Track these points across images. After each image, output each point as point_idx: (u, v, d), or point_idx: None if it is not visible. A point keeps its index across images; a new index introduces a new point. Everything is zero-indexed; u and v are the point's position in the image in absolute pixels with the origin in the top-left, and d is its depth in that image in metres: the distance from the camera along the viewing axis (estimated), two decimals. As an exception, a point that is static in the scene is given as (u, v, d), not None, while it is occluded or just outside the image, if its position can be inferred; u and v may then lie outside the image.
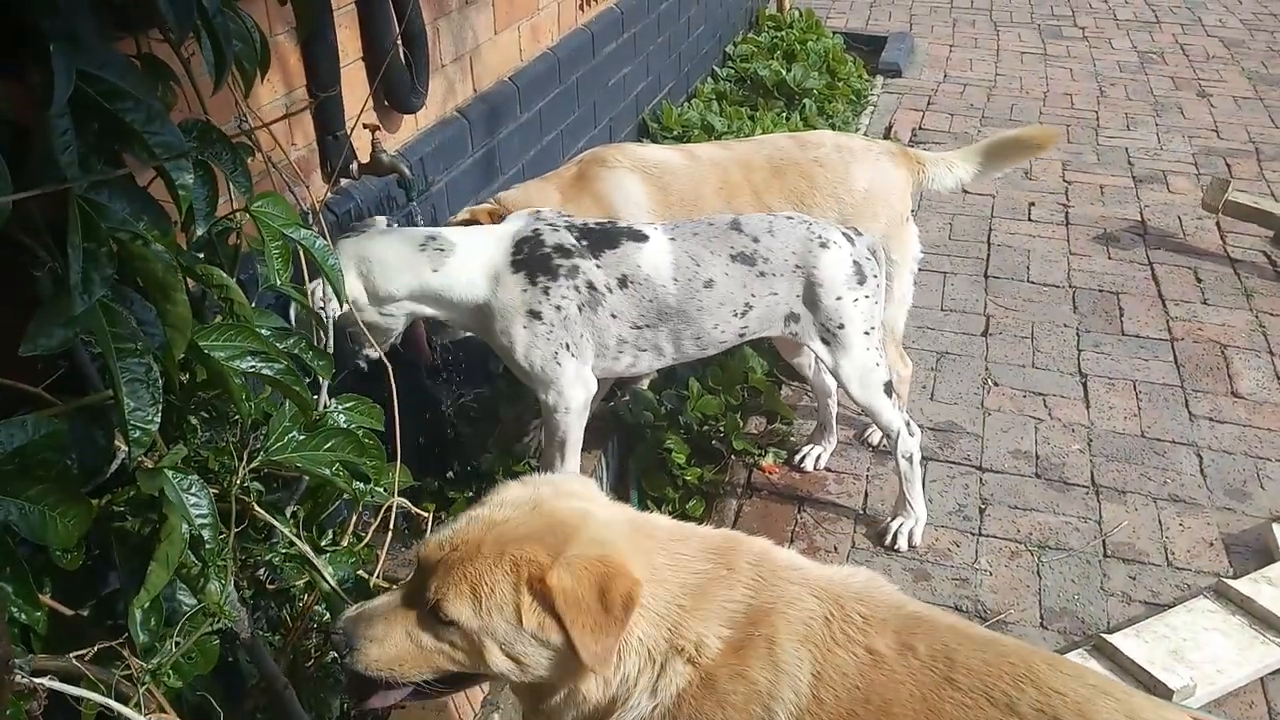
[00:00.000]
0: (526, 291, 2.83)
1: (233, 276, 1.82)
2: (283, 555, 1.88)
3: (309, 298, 2.21)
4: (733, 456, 3.83)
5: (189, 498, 1.51)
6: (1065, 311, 4.83)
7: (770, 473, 3.77)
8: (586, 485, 1.89)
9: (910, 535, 3.40)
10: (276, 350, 1.70)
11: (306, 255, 1.96)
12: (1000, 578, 3.29)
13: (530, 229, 2.88)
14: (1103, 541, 3.43)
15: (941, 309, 4.85)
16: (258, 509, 1.77)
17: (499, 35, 4.01)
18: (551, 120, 4.48)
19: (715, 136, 5.79)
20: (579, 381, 2.95)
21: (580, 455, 3.15)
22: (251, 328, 1.67)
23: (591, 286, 2.86)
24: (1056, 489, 3.68)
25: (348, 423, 1.98)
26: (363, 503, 2.06)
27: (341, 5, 3.00)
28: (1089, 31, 9.31)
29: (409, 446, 2.34)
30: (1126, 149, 6.72)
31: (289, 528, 1.85)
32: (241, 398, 1.62)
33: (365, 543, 2.20)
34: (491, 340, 2.93)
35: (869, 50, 8.29)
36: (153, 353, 1.45)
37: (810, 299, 3.03)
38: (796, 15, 8.27)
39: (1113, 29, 9.38)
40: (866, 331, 3.08)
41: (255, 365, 1.63)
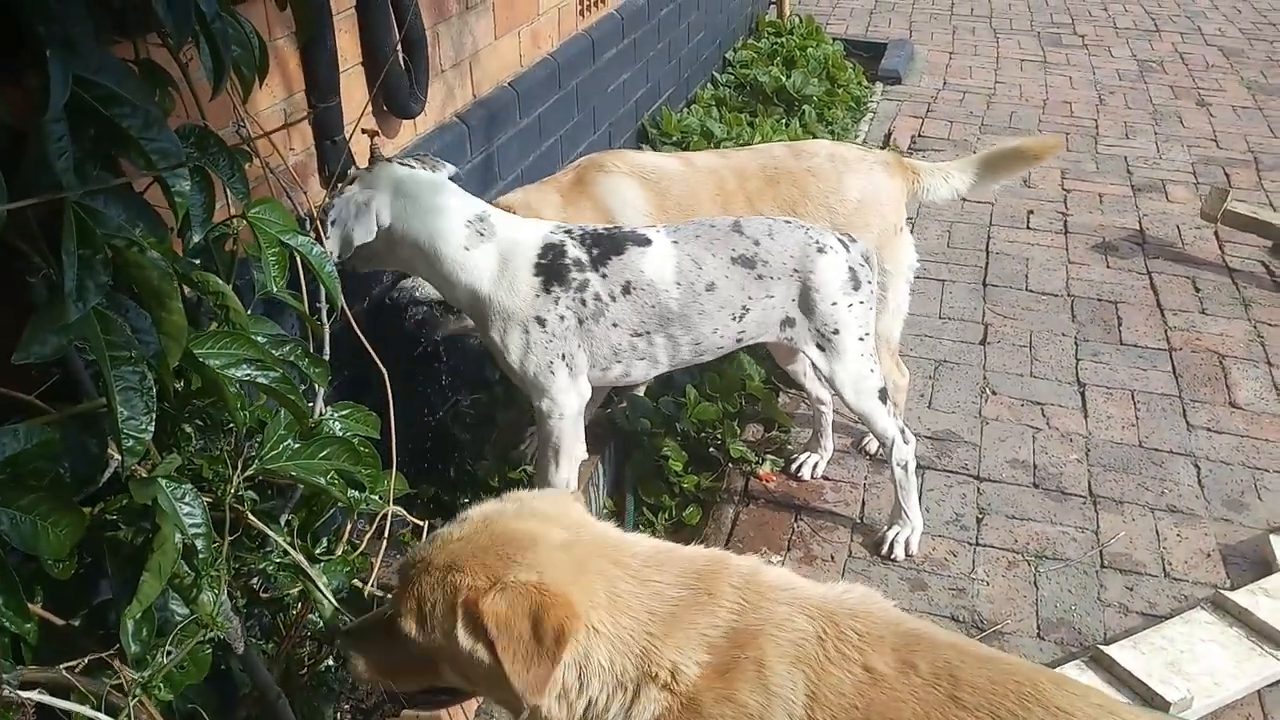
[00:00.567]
0: (539, 298, 2.82)
1: (229, 283, 1.82)
2: (277, 564, 1.87)
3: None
4: (730, 464, 3.82)
5: (182, 507, 1.50)
6: (1064, 320, 4.83)
7: (767, 481, 3.76)
8: (561, 503, 1.82)
9: (907, 544, 3.39)
10: (272, 358, 1.69)
11: (304, 261, 1.96)
12: (997, 588, 3.28)
13: (557, 237, 2.89)
14: (1100, 552, 3.42)
15: (940, 317, 4.85)
16: (252, 518, 1.76)
17: (499, 41, 4.00)
18: (551, 126, 4.47)
19: (715, 143, 5.79)
20: (573, 389, 2.94)
21: (575, 462, 3.14)
22: (247, 335, 1.66)
23: (597, 298, 2.86)
24: (1054, 499, 3.67)
25: (343, 431, 1.97)
26: (358, 511, 2.05)
27: (341, 10, 2.99)
28: (1089, 39, 9.32)
29: (405, 453, 2.33)
30: (1125, 158, 6.72)
31: (283, 536, 1.84)
32: (236, 406, 1.61)
33: (360, 551, 2.19)
34: (484, 335, 2.92)
35: (869, 57, 8.30)
36: (147, 361, 1.44)
37: (806, 304, 3.03)
38: (796, 21, 8.28)
39: (1112, 37, 9.40)
40: (861, 337, 3.08)
41: (250, 373, 1.62)
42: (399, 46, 3.18)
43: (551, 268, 2.83)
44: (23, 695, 1.31)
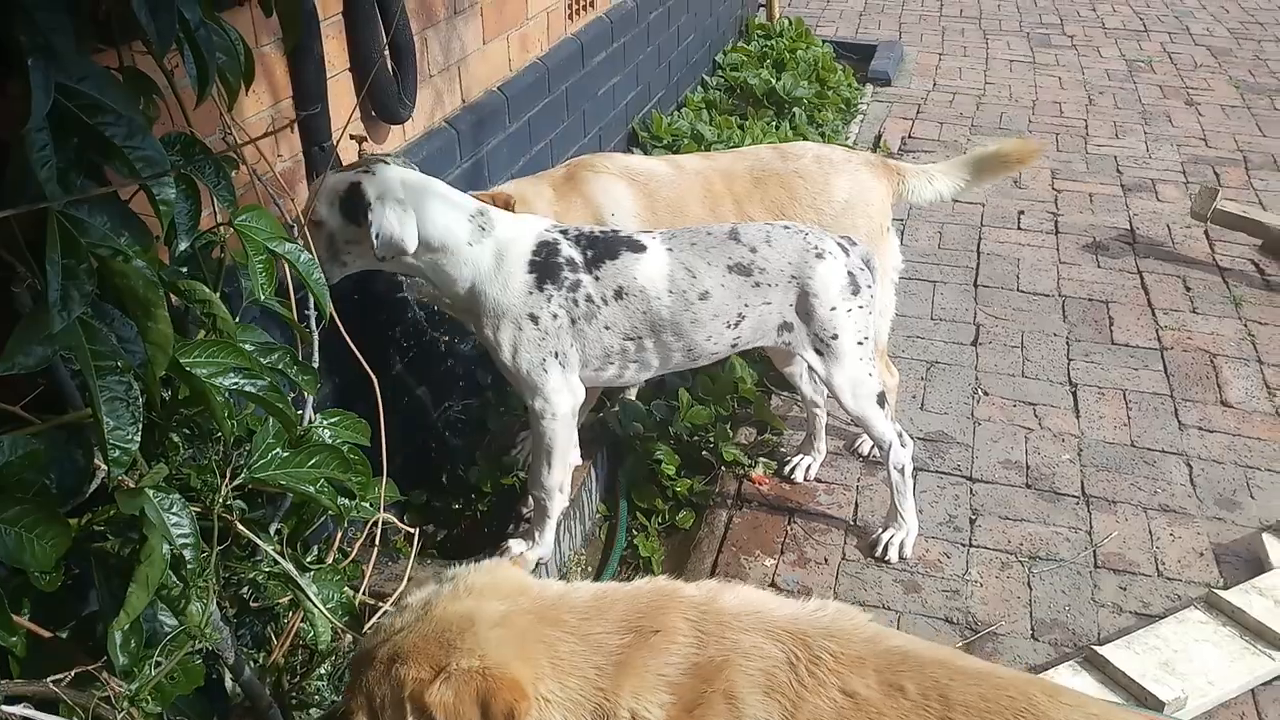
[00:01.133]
0: (532, 295, 2.81)
1: (217, 291, 1.80)
2: (266, 573, 1.86)
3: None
4: (723, 467, 3.81)
5: (170, 517, 1.49)
6: (1055, 320, 4.83)
7: (760, 484, 3.76)
8: (496, 573, 1.78)
9: (901, 547, 3.38)
10: (260, 366, 1.68)
11: (291, 269, 1.95)
12: (991, 589, 3.28)
13: (552, 235, 2.88)
14: (1093, 552, 3.42)
15: (931, 318, 4.85)
16: (241, 527, 1.75)
17: (487, 45, 4.00)
18: (540, 130, 4.46)
19: (705, 146, 5.78)
20: (565, 388, 2.93)
21: (569, 466, 3.13)
22: (234, 344, 1.65)
23: (589, 299, 2.85)
24: (1047, 499, 3.67)
25: (333, 438, 1.96)
26: (348, 519, 2.04)
27: (328, 16, 2.98)
28: (1078, 40, 9.34)
29: (396, 460, 2.32)
30: (1115, 157, 6.73)
31: (272, 545, 1.83)
32: (224, 416, 1.59)
33: (351, 559, 2.18)
34: (479, 332, 2.91)
35: (858, 59, 8.30)
36: (133, 370, 1.43)
37: (804, 309, 3.02)
38: (786, 24, 8.28)
39: (1101, 37, 9.42)
40: (859, 342, 3.07)
41: (238, 382, 1.61)
42: (386, 52, 3.17)
43: (545, 265, 2.83)
44: (9, 710, 1.29)
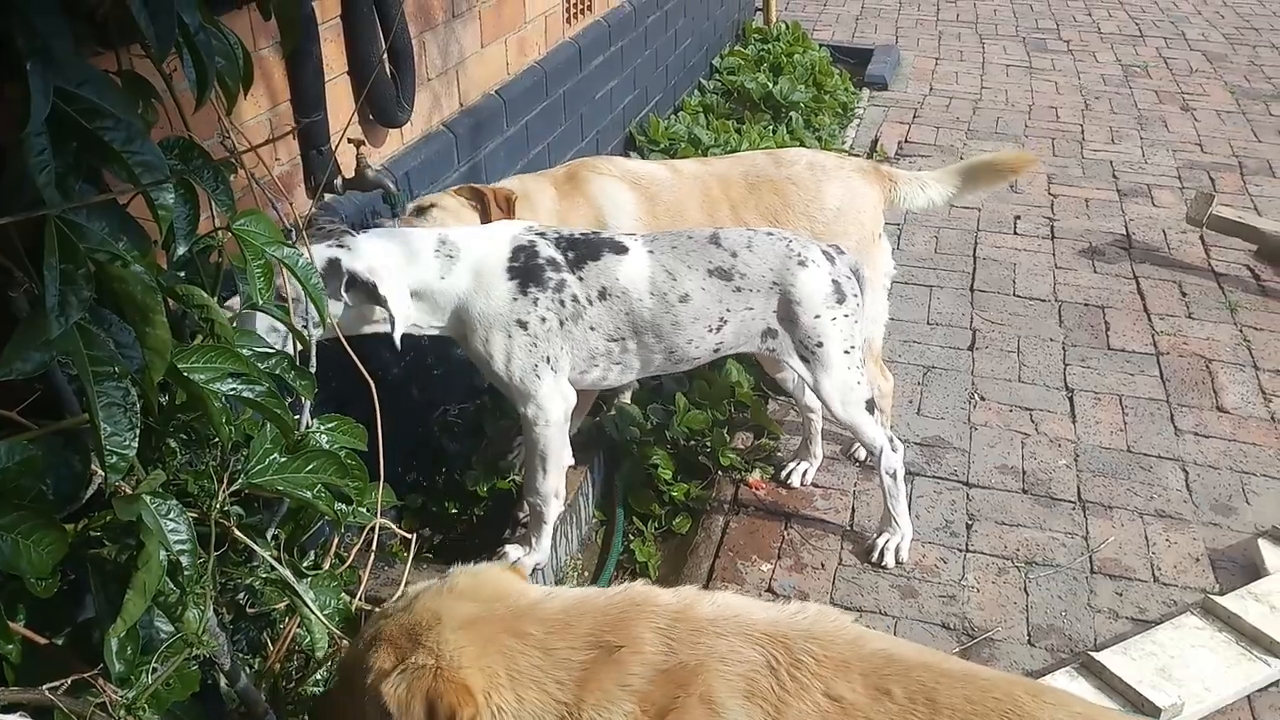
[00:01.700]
0: (517, 301, 2.80)
1: (214, 295, 1.80)
2: (263, 579, 1.85)
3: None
4: (719, 472, 3.81)
5: (167, 523, 1.48)
6: (1051, 325, 4.84)
7: (757, 488, 3.76)
8: (486, 577, 1.81)
9: (897, 551, 3.38)
10: (258, 371, 1.67)
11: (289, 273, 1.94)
12: (987, 594, 3.28)
13: (527, 238, 2.87)
14: (1090, 557, 3.42)
15: (927, 323, 4.85)
16: (238, 532, 1.74)
17: (485, 49, 4.00)
18: (538, 134, 4.46)
19: (702, 150, 5.79)
20: (557, 394, 2.92)
21: (565, 471, 3.13)
22: (232, 349, 1.64)
23: (575, 300, 2.85)
24: (1043, 504, 3.67)
25: (330, 443, 1.95)
26: (346, 524, 2.03)
27: (326, 20, 2.98)
28: (1073, 45, 9.36)
29: (393, 465, 2.32)
30: (1111, 162, 6.75)
31: (269, 551, 1.82)
32: (221, 421, 1.59)
33: (348, 564, 2.18)
34: (467, 346, 2.89)
35: (855, 63, 8.31)
36: (131, 376, 1.42)
37: (787, 316, 3.01)
38: (783, 28, 8.29)
39: (1097, 42, 9.44)
40: (847, 350, 3.06)
41: (236, 387, 1.60)
42: (385, 56, 3.17)
43: (526, 269, 2.81)
44: (5, 718, 1.29)
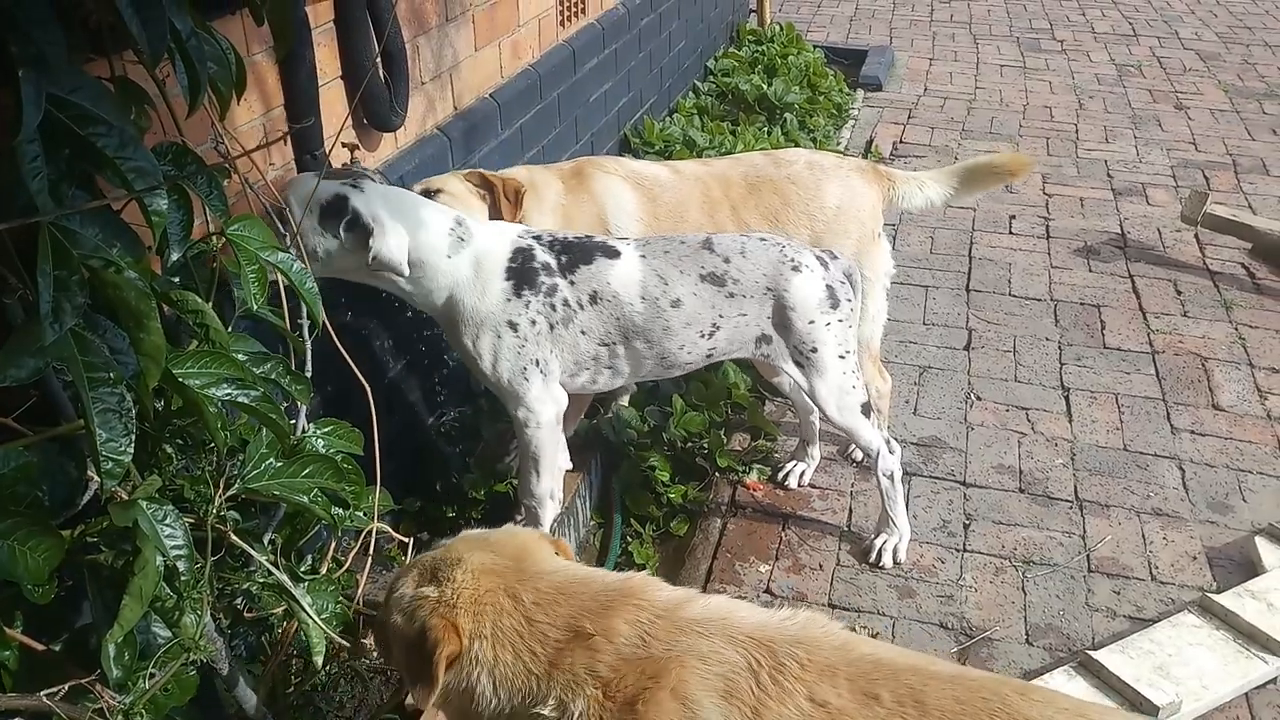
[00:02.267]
0: (510, 302, 2.81)
1: (209, 300, 1.80)
2: (260, 584, 1.85)
3: None
4: (717, 474, 3.81)
5: (163, 529, 1.48)
6: (1047, 325, 4.84)
7: (754, 490, 3.76)
8: (520, 536, 1.92)
9: (895, 552, 3.38)
10: (253, 376, 1.67)
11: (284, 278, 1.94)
12: (985, 594, 3.28)
13: (526, 241, 2.87)
14: (1087, 556, 3.42)
15: (924, 323, 4.86)
16: (235, 537, 1.74)
17: (479, 52, 4.00)
18: (533, 137, 4.46)
19: (697, 151, 5.79)
20: (548, 396, 2.92)
21: (558, 473, 3.12)
22: (227, 354, 1.64)
23: (566, 304, 2.85)
24: (1040, 504, 3.68)
25: (326, 448, 1.95)
26: (343, 528, 2.04)
27: (320, 24, 2.98)
28: (1067, 45, 9.38)
29: (390, 468, 2.32)
30: (1106, 162, 6.76)
31: (266, 556, 1.82)
32: (217, 426, 1.59)
33: (346, 568, 2.18)
34: (455, 340, 2.89)
35: (849, 64, 8.32)
36: (126, 382, 1.42)
37: (781, 322, 3.01)
38: (777, 29, 8.30)
39: (1091, 42, 9.46)
40: (841, 355, 3.06)
41: (231, 393, 1.60)
42: (378, 59, 3.17)
43: (522, 271, 2.82)
44: (1, 724, 1.29)
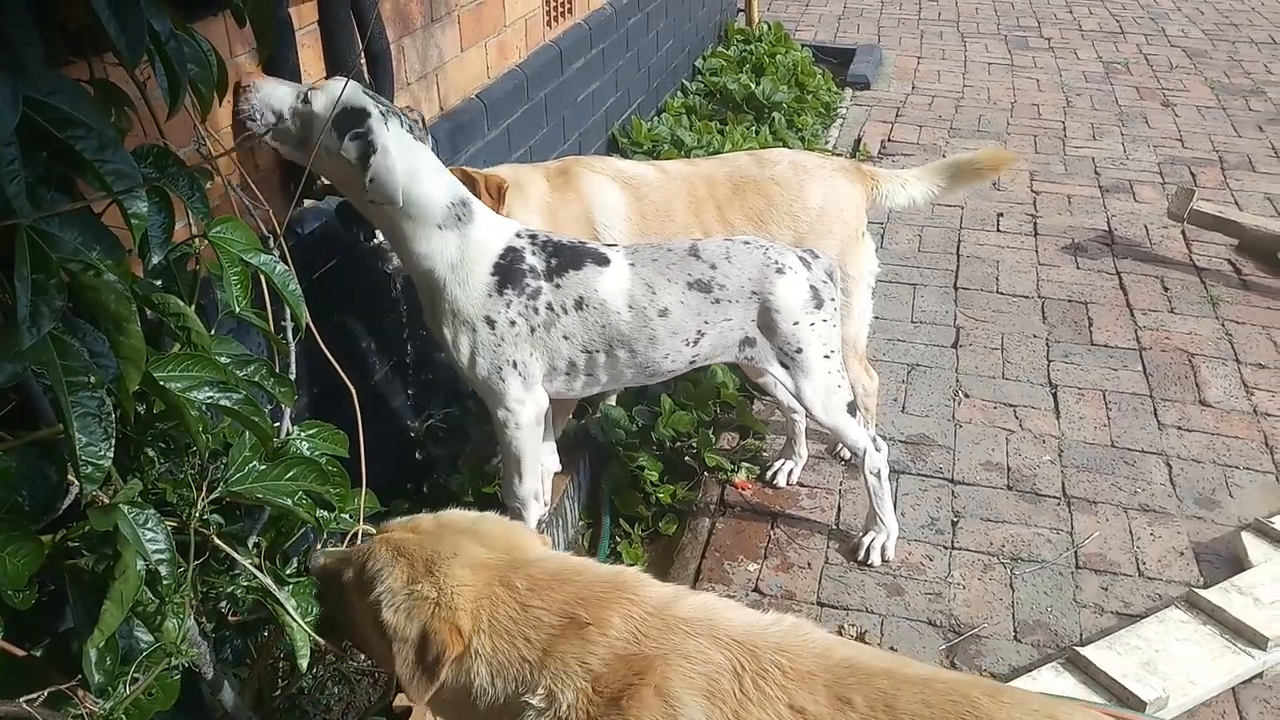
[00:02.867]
0: (491, 298, 2.79)
1: (191, 303, 1.79)
2: (244, 587, 1.85)
3: None
4: (705, 473, 3.81)
5: (145, 533, 1.47)
6: (1035, 322, 4.86)
7: (743, 489, 3.76)
8: (508, 526, 1.92)
9: (883, 550, 3.39)
10: (236, 379, 1.66)
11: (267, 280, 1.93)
12: (973, 591, 3.29)
13: (519, 241, 2.86)
14: (1074, 553, 3.43)
15: (911, 321, 4.86)
16: (218, 541, 1.74)
17: (465, 53, 3.99)
18: (520, 137, 4.46)
19: (685, 151, 5.79)
20: (528, 397, 2.91)
21: (542, 474, 3.12)
22: (209, 357, 1.63)
23: (549, 308, 2.83)
24: (1028, 500, 3.69)
25: (311, 450, 1.94)
26: (328, 530, 2.03)
27: (303, 25, 2.97)
28: (1055, 42, 9.40)
29: (376, 470, 2.31)
30: (1093, 159, 6.78)
31: (250, 560, 1.82)
32: (198, 430, 1.58)
33: (331, 571, 2.16)
34: (433, 323, 2.88)
35: (838, 63, 8.33)
36: (106, 385, 1.41)
37: (766, 324, 3.01)
38: (765, 29, 8.30)
39: (1078, 39, 9.49)
40: (826, 355, 3.07)
41: (213, 396, 1.59)
42: (362, 60, 3.16)
43: (508, 270, 2.81)
44: (-19, 731, 1.28)
